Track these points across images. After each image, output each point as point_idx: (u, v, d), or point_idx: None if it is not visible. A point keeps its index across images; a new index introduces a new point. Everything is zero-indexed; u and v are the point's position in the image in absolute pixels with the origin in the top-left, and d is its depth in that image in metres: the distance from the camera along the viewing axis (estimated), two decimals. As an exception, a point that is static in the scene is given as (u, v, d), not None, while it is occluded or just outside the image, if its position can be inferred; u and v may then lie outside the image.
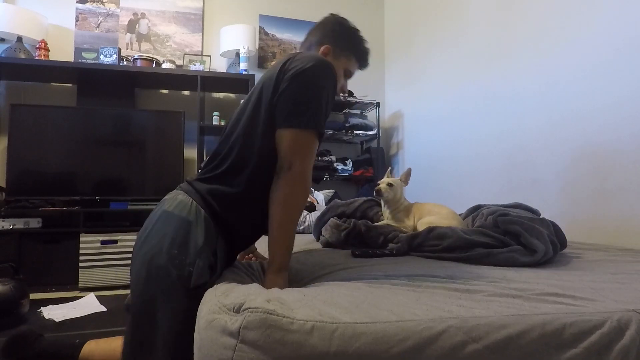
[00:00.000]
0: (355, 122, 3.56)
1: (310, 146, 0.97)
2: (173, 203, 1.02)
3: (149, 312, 0.94)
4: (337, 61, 1.15)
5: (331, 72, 1.02)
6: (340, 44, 1.17)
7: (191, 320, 0.86)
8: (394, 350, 0.65)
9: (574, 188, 1.96)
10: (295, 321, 0.65)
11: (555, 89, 2.08)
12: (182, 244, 0.95)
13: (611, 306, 0.80)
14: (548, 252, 1.26)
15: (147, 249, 0.97)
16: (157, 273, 0.94)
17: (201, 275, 0.93)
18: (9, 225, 2.70)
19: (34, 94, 3.23)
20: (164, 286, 0.93)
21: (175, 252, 0.94)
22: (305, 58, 1.01)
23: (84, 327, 1.97)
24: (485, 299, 0.82)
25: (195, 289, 0.91)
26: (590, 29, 1.90)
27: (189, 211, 0.99)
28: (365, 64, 1.24)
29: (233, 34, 3.43)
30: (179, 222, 0.98)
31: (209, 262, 0.96)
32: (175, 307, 0.91)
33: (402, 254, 1.40)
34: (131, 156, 3.10)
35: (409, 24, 3.63)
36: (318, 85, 0.99)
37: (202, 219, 0.99)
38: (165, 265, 0.93)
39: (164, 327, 0.92)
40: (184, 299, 0.91)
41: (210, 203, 1.01)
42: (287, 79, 0.98)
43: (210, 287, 0.89)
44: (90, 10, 3.38)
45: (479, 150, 2.65)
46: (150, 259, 0.95)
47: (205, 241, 0.96)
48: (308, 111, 0.96)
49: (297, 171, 0.94)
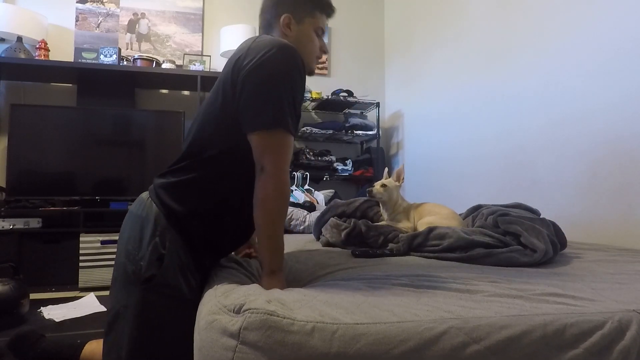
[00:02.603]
0: (355, 122, 3.56)
1: (279, 144, 0.93)
2: (135, 202, 1.07)
3: (115, 312, 0.99)
4: (302, 25, 1.07)
5: (293, 57, 0.94)
6: (298, 6, 1.07)
7: (147, 313, 0.94)
8: (395, 352, 0.65)
9: (574, 188, 1.96)
10: (296, 322, 0.65)
11: (555, 89, 2.08)
12: (136, 239, 0.99)
13: (612, 306, 0.80)
14: (548, 252, 1.26)
15: (117, 251, 1.04)
16: (118, 270, 1.00)
17: (150, 266, 0.95)
18: (9, 225, 2.70)
19: (34, 94, 3.22)
20: (123, 282, 0.98)
21: (129, 248, 0.99)
22: (262, 45, 0.94)
23: (84, 327, 1.97)
24: (486, 299, 0.82)
25: (147, 281, 0.95)
26: (591, 29, 1.90)
27: (143, 208, 1.03)
28: (331, 11, 1.12)
29: (233, 34, 3.43)
30: (134, 220, 1.03)
31: (157, 254, 0.97)
32: (132, 300, 0.96)
33: (403, 254, 1.40)
34: (131, 156, 3.10)
35: (409, 24, 3.63)
36: (279, 78, 0.92)
37: (152, 213, 1.01)
38: (124, 262, 0.99)
39: (124, 321, 0.97)
40: (139, 292, 0.95)
41: (160, 196, 1.03)
42: (241, 79, 0.93)
43: (162, 278, 0.95)
44: (90, 10, 3.38)
45: (479, 150, 2.65)
46: (116, 259, 1.02)
47: (153, 234, 0.98)
48: (270, 110, 0.92)
49: (269, 172, 0.92)
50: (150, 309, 0.95)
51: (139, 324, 0.95)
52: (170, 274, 0.97)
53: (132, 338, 0.95)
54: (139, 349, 0.96)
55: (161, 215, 1.01)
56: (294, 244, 1.67)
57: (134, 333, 0.95)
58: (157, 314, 0.96)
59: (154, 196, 1.04)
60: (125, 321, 0.96)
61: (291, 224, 2.49)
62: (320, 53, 1.13)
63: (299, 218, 2.50)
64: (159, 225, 0.99)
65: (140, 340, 0.95)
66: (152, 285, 0.95)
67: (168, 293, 0.96)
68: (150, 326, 0.95)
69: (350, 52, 3.98)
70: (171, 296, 0.96)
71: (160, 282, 0.95)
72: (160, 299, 0.96)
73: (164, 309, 0.96)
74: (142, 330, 0.95)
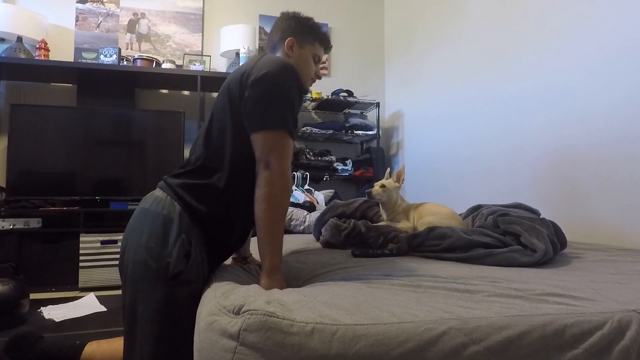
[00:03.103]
0: (355, 122, 3.55)
1: (284, 144, 1.00)
2: (149, 200, 1.08)
3: (134, 310, 0.99)
4: (303, 49, 1.21)
5: (293, 73, 1.05)
6: (301, 34, 1.21)
7: (171, 310, 0.95)
8: (395, 353, 0.65)
9: (574, 188, 1.96)
10: (295, 323, 0.65)
11: (555, 89, 2.08)
12: (159, 237, 1.00)
13: (611, 306, 0.80)
14: (548, 252, 1.26)
15: (129, 247, 1.03)
16: (137, 268, 0.99)
17: (177, 264, 0.98)
18: (9, 225, 2.70)
19: (34, 94, 3.22)
20: (144, 279, 0.98)
21: (152, 245, 0.99)
22: (267, 62, 1.04)
23: (84, 327, 1.97)
24: (486, 300, 0.82)
25: (173, 278, 0.97)
26: (591, 29, 1.90)
27: (164, 206, 1.04)
28: (328, 45, 1.28)
29: (233, 34, 3.43)
30: (155, 217, 1.03)
31: (184, 251, 1.00)
32: (155, 297, 0.96)
33: (402, 254, 1.40)
34: (131, 156, 3.10)
35: (409, 24, 3.63)
36: (281, 86, 1.02)
37: (176, 212, 1.03)
38: (145, 259, 0.98)
39: (146, 318, 0.97)
40: (164, 289, 0.96)
41: (181, 196, 1.05)
42: (250, 84, 1.02)
43: (188, 274, 0.96)
44: (90, 10, 3.38)
45: (479, 150, 2.65)
46: (132, 256, 1.01)
47: (179, 231, 1.01)
48: (275, 112, 1.00)
49: (275, 169, 0.97)
50: (174, 304, 0.96)
51: (163, 320, 0.96)
52: (195, 270, 1.00)
53: (156, 334, 0.96)
54: (164, 344, 0.96)
55: (184, 213, 1.04)
56: (294, 244, 1.67)
57: (158, 329, 0.96)
58: (180, 310, 0.97)
59: (173, 195, 1.06)
60: (147, 318, 0.97)
61: (291, 224, 2.49)
62: (315, 77, 1.26)
63: (299, 218, 2.50)
64: (184, 223, 1.02)
65: (164, 336, 0.96)
66: (178, 282, 0.96)
67: (192, 289, 0.98)
68: (173, 322, 0.96)
69: (350, 52, 3.98)
70: (194, 292, 0.98)
71: (186, 279, 0.98)
72: (184, 295, 0.97)
73: (185, 305, 0.97)
74: (166, 326, 0.96)
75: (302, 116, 3.74)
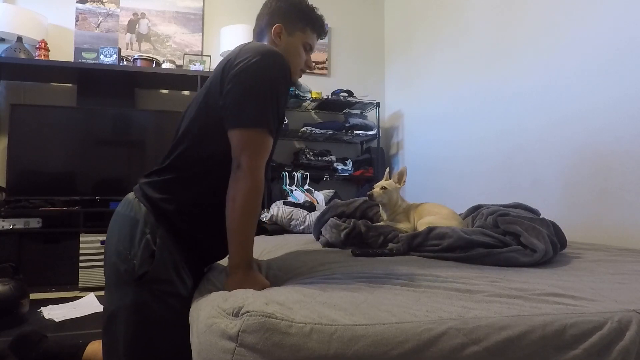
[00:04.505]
0: (355, 122, 3.55)
1: (259, 143, 0.95)
2: (122, 203, 1.08)
3: (110, 313, 0.99)
4: (292, 37, 1.11)
5: (278, 63, 0.98)
6: (291, 19, 1.11)
7: (143, 311, 0.95)
8: (393, 353, 0.64)
9: (574, 188, 1.96)
10: (294, 324, 0.65)
11: (555, 89, 2.08)
12: (126, 239, 0.99)
13: (611, 306, 0.79)
14: (548, 252, 1.25)
15: (105, 252, 1.04)
16: (110, 271, 1.00)
17: (142, 264, 0.96)
18: (9, 225, 2.70)
19: (34, 94, 3.22)
20: (116, 282, 0.99)
21: (121, 248, 0.99)
22: (249, 51, 0.98)
23: (84, 327, 1.97)
24: (486, 299, 0.82)
25: (140, 278, 0.95)
26: (591, 29, 1.90)
27: (131, 208, 1.04)
28: (322, 32, 1.17)
29: (233, 34, 3.43)
30: (123, 220, 1.03)
31: (149, 251, 0.98)
32: (127, 299, 0.96)
33: (402, 254, 1.40)
34: (131, 156, 3.10)
35: (409, 24, 3.62)
36: (262, 80, 0.96)
37: (141, 212, 1.02)
38: (115, 262, 0.99)
39: (120, 321, 0.97)
40: (133, 290, 0.96)
41: (148, 195, 1.04)
42: (230, 77, 0.96)
43: (154, 273, 0.95)
44: (90, 10, 3.38)
45: (479, 150, 2.65)
46: (107, 260, 1.02)
47: (143, 232, 0.99)
48: (253, 109, 0.95)
49: (245, 168, 0.93)
50: (145, 307, 0.95)
51: (135, 323, 0.95)
52: (162, 269, 0.98)
53: (128, 338, 0.95)
54: (137, 348, 0.96)
55: (150, 213, 1.02)
56: (294, 244, 1.67)
57: (130, 332, 0.95)
58: (152, 312, 0.96)
59: (141, 195, 1.05)
60: (121, 321, 0.96)
61: (291, 224, 2.49)
62: (305, 67, 1.17)
63: (299, 218, 2.50)
64: (149, 223, 1.01)
65: (137, 340, 0.96)
66: (145, 282, 0.95)
67: (161, 289, 0.97)
68: (146, 324, 0.96)
69: (350, 52, 3.98)
70: (165, 292, 0.97)
71: (153, 278, 0.96)
72: (155, 296, 0.96)
73: (158, 306, 0.96)
74: (138, 329, 0.96)
75: (302, 116, 3.75)
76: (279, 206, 2.57)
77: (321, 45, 3.81)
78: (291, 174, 3.26)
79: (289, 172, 3.27)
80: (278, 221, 2.51)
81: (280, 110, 1.02)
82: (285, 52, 1.07)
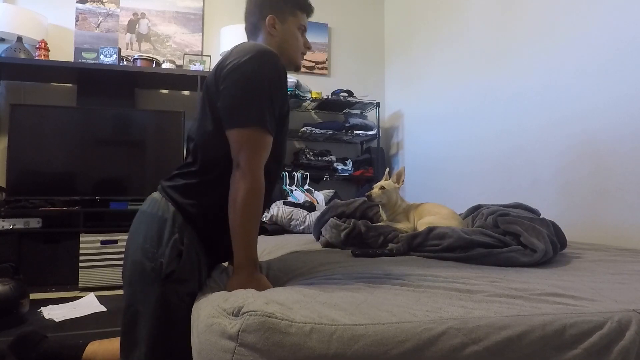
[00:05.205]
0: (355, 122, 3.55)
1: (256, 142, 0.96)
2: (147, 202, 1.09)
3: (133, 310, 0.99)
4: (286, 24, 1.14)
5: (271, 61, 0.99)
6: (280, 7, 1.14)
7: (166, 310, 0.95)
8: (393, 352, 0.65)
9: (574, 188, 1.96)
10: (294, 323, 0.65)
11: (554, 89, 2.08)
12: (154, 238, 1.00)
13: (611, 306, 0.79)
14: (548, 252, 1.25)
15: (128, 249, 1.04)
16: (135, 269, 1.00)
17: (170, 263, 0.97)
18: (9, 225, 2.70)
19: (34, 94, 3.22)
20: (141, 280, 0.98)
21: (147, 246, 0.99)
22: (242, 51, 0.99)
23: (84, 327, 1.97)
24: (486, 299, 0.82)
25: (167, 277, 0.96)
26: (590, 29, 1.90)
27: (159, 207, 1.05)
28: (310, 10, 1.20)
29: (233, 34, 3.42)
30: (150, 219, 1.04)
31: (177, 250, 0.99)
32: (152, 297, 0.96)
33: (402, 254, 1.40)
34: (131, 156, 3.09)
35: (409, 24, 3.62)
36: (257, 78, 0.96)
37: (170, 212, 1.03)
38: (141, 260, 0.99)
39: (144, 319, 0.97)
40: (158, 288, 0.96)
41: (173, 197, 1.05)
42: (224, 77, 0.98)
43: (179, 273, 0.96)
44: (90, 10, 3.38)
45: (479, 150, 2.65)
46: (130, 258, 1.02)
47: (172, 231, 1.01)
48: (249, 108, 0.95)
49: (243, 167, 0.94)
50: (169, 305, 0.96)
51: (159, 321, 0.96)
52: (187, 269, 0.99)
53: (152, 335, 0.96)
54: (160, 345, 0.96)
55: (178, 213, 1.03)
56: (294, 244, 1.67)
57: (154, 330, 0.96)
58: (176, 310, 0.96)
59: (167, 196, 1.06)
60: (145, 319, 0.97)
61: (291, 224, 2.49)
62: (305, 49, 1.19)
63: (299, 218, 2.50)
64: (177, 223, 1.02)
65: (160, 337, 0.96)
66: (171, 281, 0.96)
67: (185, 289, 0.98)
68: (169, 322, 0.96)
69: (350, 52, 3.98)
70: (188, 292, 0.98)
71: (178, 278, 0.97)
72: (179, 295, 0.97)
73: (181, 305, 0.96)
74: (162, 327, 0.96)
75: (302, 116, 3.75)
76: (279, 206, 2.57)
77: (321, 45, 3.81)
78: (291, 174, 3.26)
79: (289, 172, 3.27)
80: (278, 221, 2.51)
81: (277, 107, 1.02)
82: (283, 40, 1.11)
